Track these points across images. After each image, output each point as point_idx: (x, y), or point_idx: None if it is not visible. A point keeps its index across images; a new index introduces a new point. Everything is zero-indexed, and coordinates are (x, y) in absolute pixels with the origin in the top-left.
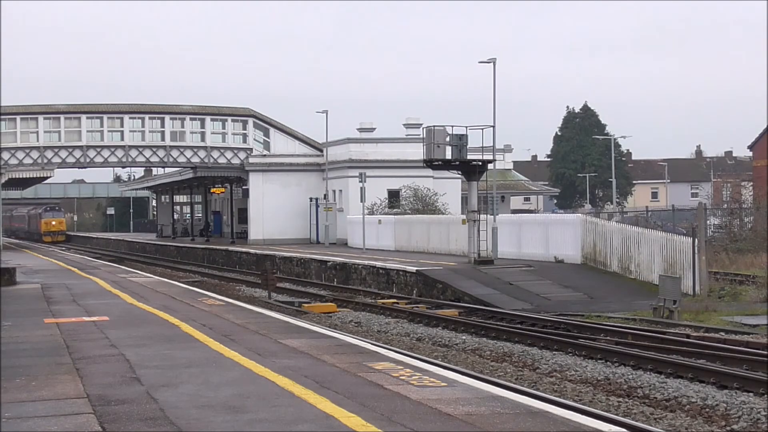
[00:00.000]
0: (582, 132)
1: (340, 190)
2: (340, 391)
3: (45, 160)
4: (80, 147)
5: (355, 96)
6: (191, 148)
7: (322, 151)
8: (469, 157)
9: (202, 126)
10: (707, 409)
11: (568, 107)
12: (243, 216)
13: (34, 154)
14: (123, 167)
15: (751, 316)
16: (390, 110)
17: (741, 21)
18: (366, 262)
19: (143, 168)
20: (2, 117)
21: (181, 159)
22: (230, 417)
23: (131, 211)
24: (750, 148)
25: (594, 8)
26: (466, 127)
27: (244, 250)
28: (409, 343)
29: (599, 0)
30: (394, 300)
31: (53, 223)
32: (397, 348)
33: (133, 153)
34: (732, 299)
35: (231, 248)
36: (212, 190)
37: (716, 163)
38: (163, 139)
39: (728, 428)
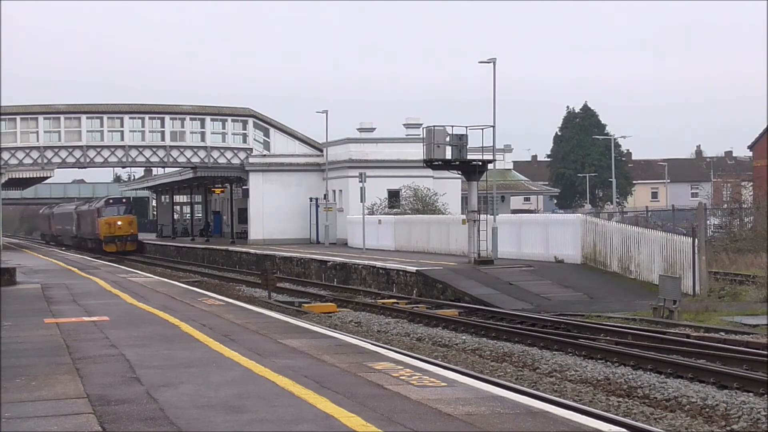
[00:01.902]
0: (582, 132)
1: (340, 190)
2: (340, 391)
3: (45, 160)
4: (80, 147)
5: (355, 96)
6: (191, 148)
7: (322, 151)
8: (469, 157)
9: (202, 126)
10: (707, 409)
11: (568, 107)
12: (243, 216)
13: (34, 154)
14: (123, 167)
15: (751, 316)
16: (390, 110)
17: (741, 21)
18: (366, 262)
19: (143, 168)
20: (2, 117)
21: (181, 159)
22: (230, 417)
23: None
24: (750, 148)
25: (594, 8)
26: (466, 127)
27: (244, 250)
28: (409, 343)
29: (599, 0)
30: (394, 300)
31: (119, 223)
32: (397, 348)
33: (133, 153)
34: (732, 299)
35: (231, 248)
36: (212, 190)
37: (716, 163)
38: (163, 139)
39: (728, 428)
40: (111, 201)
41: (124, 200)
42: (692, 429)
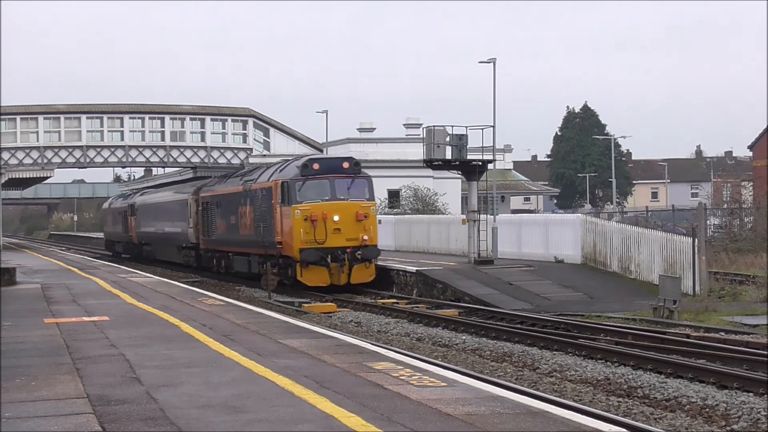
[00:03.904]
0: (582, 132)
1: None
2: (340, 391)
3: (45, 160)
4: (80, 147)
5: (355, 96)
6: (191, 148)
7: (322, 151)
8: (469, 157)
9: (202, 126)
10: (707, 409)
11: (568, 107)
12: None
13: (34, 154)
14: (123, 167)
15: (751, 316)
16: (390, 110)
17: (741, 21)
18: None
19: (143, 168)
20: (2, 117)
21: (181, 159)
22: (230, 417)
23: None
24: (750, 148)
25: (594, 8)
26: (466, 127)
27: None
28: (409, 343)
29: (599, 0)
30: (394, 300)
31: (336, 219)
32: (397, 348)
33: (133, 153)
34: (732, 299)
35: None
36: None
37: (716, 163)
38: (163, 139)
39: (728, 428)
40: (317, 166)
41: (345, 163)
42: (692, 429)
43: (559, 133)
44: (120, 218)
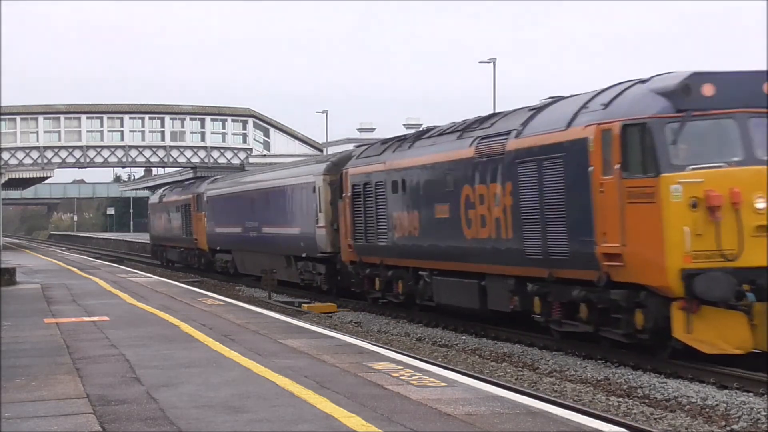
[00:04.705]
0: None
1: None
2: (340, 391)
3: (45, 160)
4: (80, 147)
5: (355, 96)
6: (191, 148)
7: (322, 151)
8: None
9: (202, 126)
10: (707, 409)
11: None
12: None
13: (34, 154)
14: (123, 167)
15: None
16: (390, 110)
17: (742, 21)
18: None
19: (143, 168)
20: (2, 117)
21: (181, 159)
22: (230, 417)
23: (131, 211)
24: None
25: (594, 9)
26: None
27: None
28: (409, 343)
29: (599, 0)
30: None
31: (760, 207)
32: (397, 348)
33: (133, 153)
34: None
35: None
36: None
37: None
38: (163, 139)
39: (728, 428)
40: (709, 90)
41: (766, 84)
42: (692, 429)
43: None
44: (178, 215)
